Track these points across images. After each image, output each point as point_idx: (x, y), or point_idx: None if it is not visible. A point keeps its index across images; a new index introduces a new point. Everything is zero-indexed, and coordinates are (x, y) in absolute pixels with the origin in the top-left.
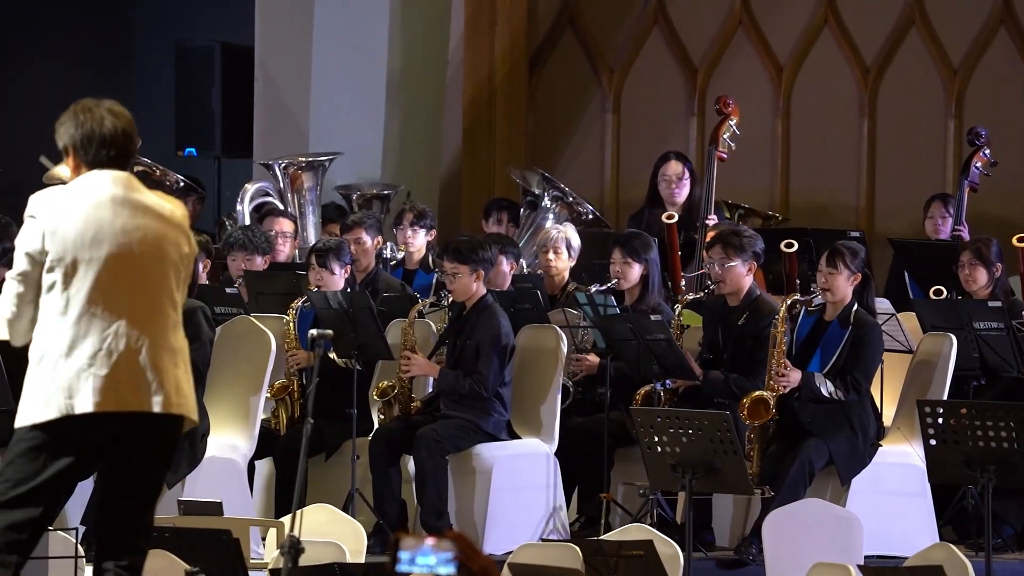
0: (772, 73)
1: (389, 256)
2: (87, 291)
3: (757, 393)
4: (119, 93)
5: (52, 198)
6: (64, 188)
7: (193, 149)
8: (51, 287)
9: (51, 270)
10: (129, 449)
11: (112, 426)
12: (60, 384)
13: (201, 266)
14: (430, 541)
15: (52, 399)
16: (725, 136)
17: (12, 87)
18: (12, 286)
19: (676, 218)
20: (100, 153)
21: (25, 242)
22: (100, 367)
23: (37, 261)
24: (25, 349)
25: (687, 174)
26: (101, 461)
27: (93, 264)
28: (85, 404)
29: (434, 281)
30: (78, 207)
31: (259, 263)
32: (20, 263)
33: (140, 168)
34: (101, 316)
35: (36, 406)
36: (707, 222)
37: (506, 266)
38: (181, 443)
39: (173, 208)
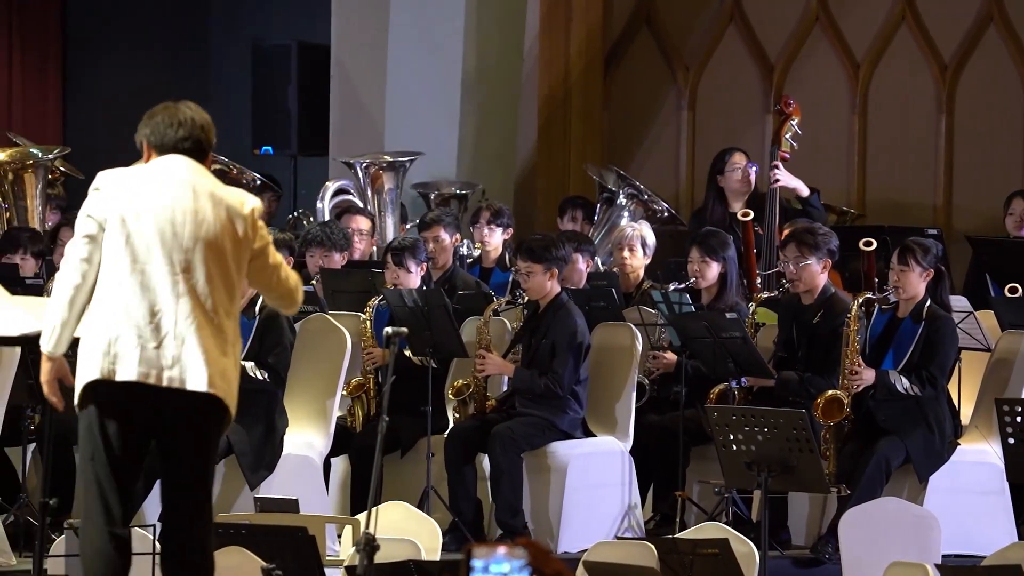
0: (849, 70)
1: (466, 254)
2: (144, 267)
3: (831, 392)
4: (196, 91)
5: (119, 174)
6: (133, 167)
7: (269, 148)
8: (109, 259)
9: (110, 243)
10: (172, 429)
11: (154, 400)
12: (108, 351)
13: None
14: (503, 549)
15: (98, 363)
16: (787, 136)
17: (92, 87)
18: (76, 251)
19: (752, 215)
20: (169, 134)
21: (87, 212)
22: (148, 340)
23: (98, 231)
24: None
25: (753, 167)
26: (152, 439)
27: (152, 242)
28: (128, 372)
29: (511, 279)
30: (144, 185)
31: (337, 260)
32: (83, 228)
33: (217, 166)
34: (155, 292)
35: (84, 369)
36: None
37: (582, 264)
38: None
39: (243, 200)
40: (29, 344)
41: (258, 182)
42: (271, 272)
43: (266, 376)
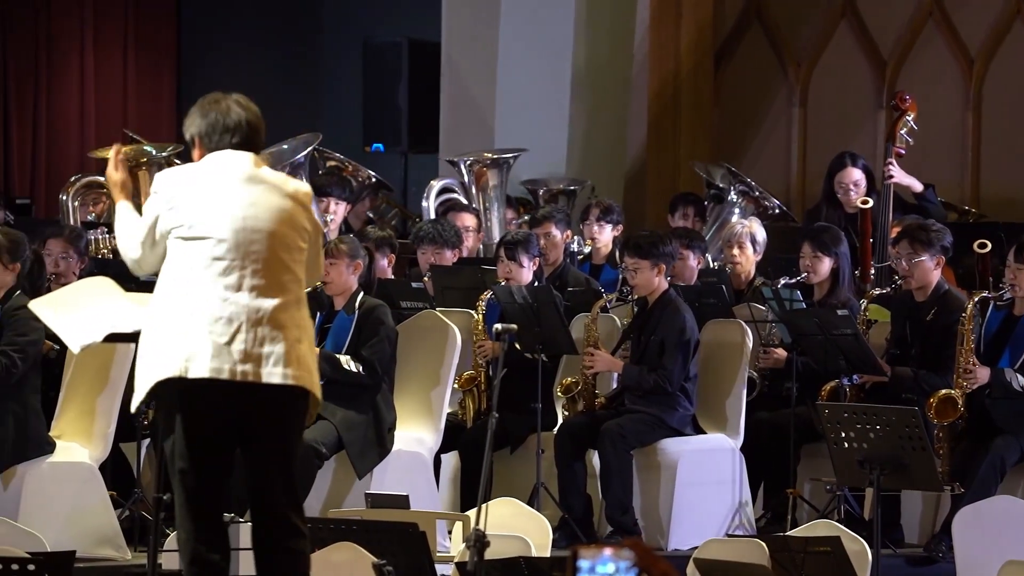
0: (963, 66)
1: (577, 250)
2: (209, 261)
3: (944, 392)
4: (307, 89)
5: (176, 173)
6: (189, 165)
7: (380, 145)
8: (174, 256)
9: (174, 240)
10: (252, 423)
11: (232, 396)
12: (180, 347)
13: (386, 261)
14: (609, 550)
15: (171, 360)
16: (902, 132)
17: (205, 85)
18: (136, 233)
19: (871, 203)
20: (224, 139)
21: (147, 214)
22: (219, 335)
23: (158, 230)
24: None
25: (863, 179)
26: (235, 436)
27: (214, 236)
28: (201, 369)
29: (620, 276)
30: (200, 181)
31: (448, 257)
32: (146, 220)
33: (332, 163)
34: (222, 287)
35: (155, 366)
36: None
37: (692, 260)
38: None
39: (297, 187)
40: None
41: (373, 180)
42: (317, 256)
43: (360, 369)
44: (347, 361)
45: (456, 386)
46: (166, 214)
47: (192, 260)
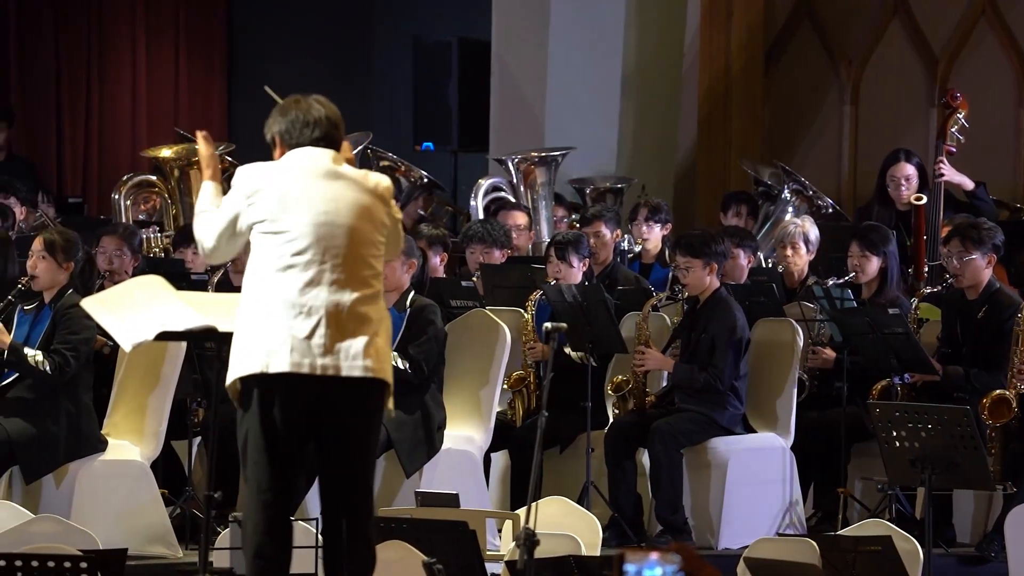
0: (1015, 63)
1: (627, 249)
2: (289, 257)
3: (998, 393)
4: (358, 88)
5: (256, 168)
6: (269, 162)
7: (430, 143)
8: (257, 251)
9: (256, 235)
10: (332, 417)
11: (311, 390)
12: (261, 342)
13: (439, 259)
14: (656, 554)
15: (253, 356)
16: (953, 130)
17: (255, 84)
18: (215, 223)
19: (924, 199)
20: (304, 134)
21: (227, 208)
22: (300, 330)
23: (238, 225)
24: None
25: (916, 176)
26: (311, 431)
27: (294, 231)
28: (281, 364)
29: (670, 275)
30: (281, 177)
31: (497, 256)
32: (226, 214)
33: (384, 163)
34: (303, 281)
35: (239, 362)
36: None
37: (743, 259)
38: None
39: (377, 181)
40: (194, 338)
41: (425, 180)
42: (398, 244)
43: (407, 366)
44: (395, 358)
45: (505, 386)
46: (247, 210)
47: (273, 255)
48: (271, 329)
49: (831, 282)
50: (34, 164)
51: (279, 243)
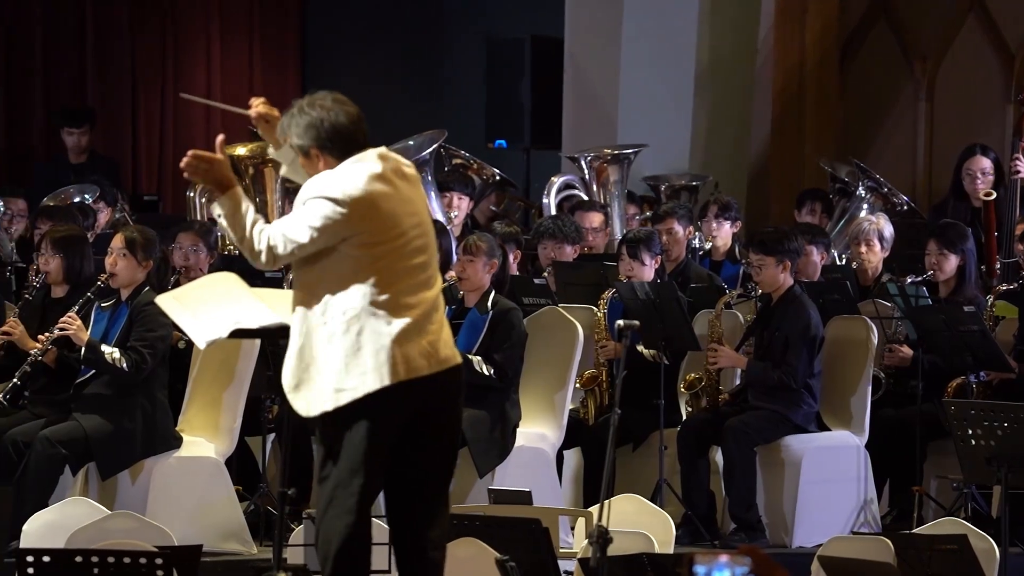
0: None
1: (699, 246)
2: (397, 263)
3: None
4: (430, 86)
5: (335, 182)
6: (341, 171)
7: (503, 141)
8: (347, 264)
9: (349, 248)
10: (439, 408)
11: (431, 387)
12: (384, 352)
13: (512, 257)
14: (726, 556)
15: (379, 367)
16: None
17: (329, 83)
18: (297, 234)
19: (995, 195)
20: (351, 142)
21: (310, 220)
22: (421, 333)
23: (324, 236)
24: None
25: (992, 170)
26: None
27: (396, 237)
28: (418, 368)
29: (741, 272)
30: (362, 187)
31: (568, 253)
32: (311, 224)
33: (458, 160)
34: (414, 284)
35: (359, 377)
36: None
37: (816, 256)
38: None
39: (415, 170)
40: (268, 336)
41: (498, 177)
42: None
43: (492, 372)
44: (479, 363)
45: (578, 385)
46: (336, 223)
47: (377, 265)
48: (395, 338)
49: (909, 280)
50: (117, 164)
51: (383, 251)
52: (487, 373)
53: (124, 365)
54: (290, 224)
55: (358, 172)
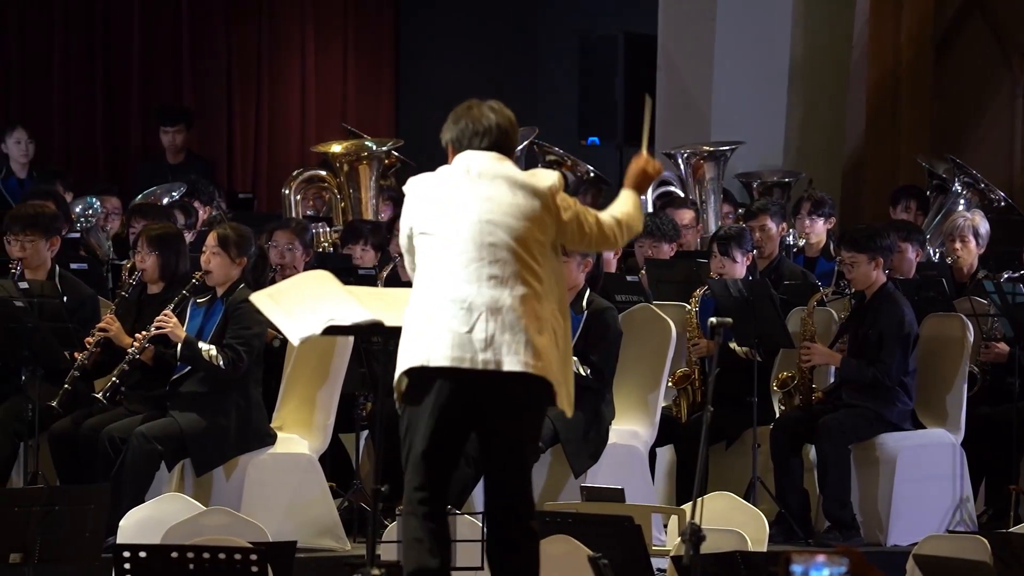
0: None
1: (792, 243)
2: (449, 257)
3: None
4: (523, 84)
5: (423, 179)
6: (439, 170)
7: (596, 138)
8: (420, 252)
9: (421, 241)
10: (492, 412)
11: (472, 385)
12: (422, 338)
13: (612, 253)
14: (823, 556)
15: (417, 350)
16: None
17: (423, 81)
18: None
19: None
20: (473, 143)
21: (402, 222)
22: (460, 326)
23: (408, 242)
24: None
25: None
26: (472, 426)
27: (451, 231)
28: (442, 358)
29: (835, 269)
30: (439, 181)
31: (666, 250)
32: (401, 241)
33: (551, 157)
34: (462, 279)
35: (404, 355)
36: None
37: (911, 253)
38: (580, 433)
39: (541, 181)
40: (362, 333)
41: (591, 174)
42: (586, 233)
43: (588, 373)
44: (576, 364)
45: (670, 384)
46: (408, 217)
47: (434, 255)
48: (432, 325)
49: (1003, 276)
50: (212, 163)
51: (439, 243)
52: (584, 374)
53: (221, 362)
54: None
55: (439, 171)
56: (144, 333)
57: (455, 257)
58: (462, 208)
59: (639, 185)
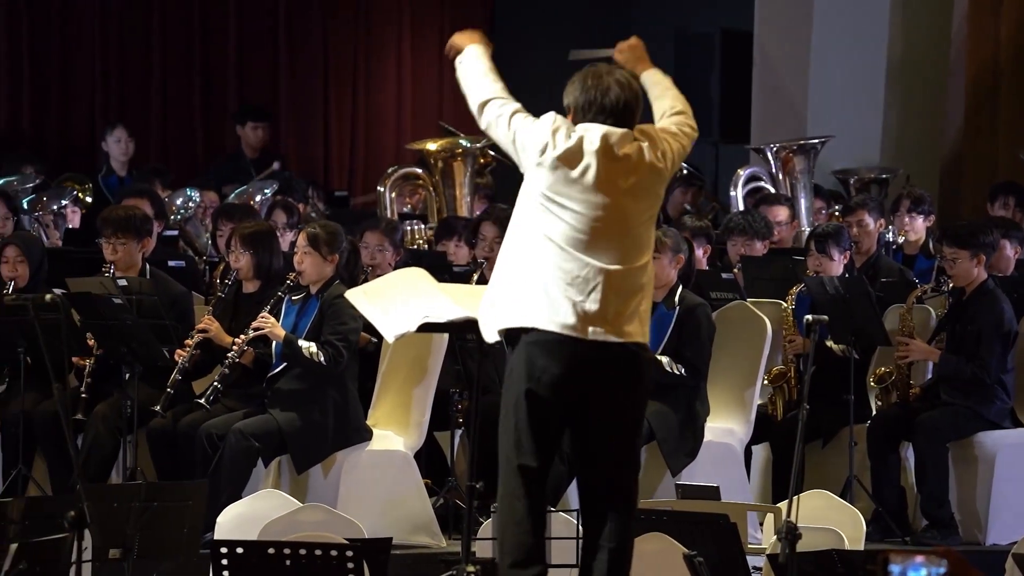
0: None
1: (891, 240)
2: (567, 227)
3: None
4: None
5: (561, 127)
6: (568, 126)
7: None
8: (534, 214)
9: (536, 199)
10: (602, 385)
11: (584, 355)
12: (534, 301)
13: (702, 251)
14: (921, 556)
15: (532, 311)
16: None
17: (517, 77)
18: (504, 123)
19: None
20: (598, 119)
21: (523, 127)
22: (576, 294)
23: (515, 143)
24: None
25: None
26: (577, 405)
27: (574, 205)
28: (556, 325)
29: (935, 266)
30: (572, 150)
31: (759, 248)
32: (515, 128)
33: None
34: (579, 251)
35: (505, 314)
36: None
37: (1010, 251)
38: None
39: (653, 158)
40: (456, 330)
41: (685, 171)
42: (683, 150)
43: (683, 371)
44: (669, 363)
45: (765, 382)
46: (534, 157)
47: (552, 223)
48: (549, 291)
49: None
50: (285, 159)
51: (558, 213)
52: (678, 373)
53: (322, 359)
54: None
55: (572, 137)
56: (243, 337)
57: (574, 232)
58: (584, 185)
59: (641, 58)
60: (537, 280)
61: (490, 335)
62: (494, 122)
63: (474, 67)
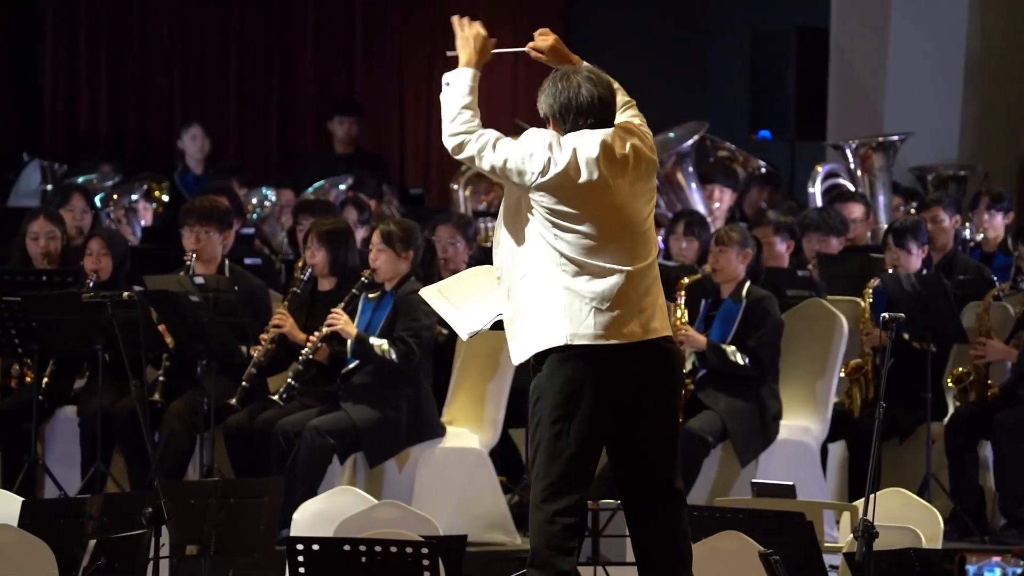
0: None
1: (969, 237)
2: (583, 240)
3: None
4: (694, 77)
5: (553, 144)
6: (559, 138)
7: (767, 132)
8: (548, 232)
9: (543, 216)
10: (646, 383)
11: (619, 359)
12: (568, 316)
13: (785, 247)
14: (997, 557)
15: (559, 328)
16: None
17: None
18: (493, 153)
19: None
20: (578, 123)
21: (516, 154)
22: (600, 301)
23: (516, 175)
24: None
25: None
26: (619, 410)
27: (585, 216)
28: (591, 336)
29: (1013, 264)
30: (570, 163)
31: (834, 245)
32: (509, 155)
33: (723, 153)
34: (598, 262)
35: (534, 336)
36: None
37: None
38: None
39: (638, 153)
40: None
41: (763, 170)
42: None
43: (747, 361)
44: (733, 352)
45: (843, 374)
46: (533, 176)
47: (564, 237)
48: (569, 306)
49: None
50: (380, 156)
51: (569, 226)
52: (743, 363)
53: (393, 356)
54: None
55: (566, 148)
56: (317, 334)
57: (588, 242)
58: (591, 195)
59: (567, 56)
60: (558, 297)
61: (518, 357)
62: (476, 155)
63: (458, 94)
